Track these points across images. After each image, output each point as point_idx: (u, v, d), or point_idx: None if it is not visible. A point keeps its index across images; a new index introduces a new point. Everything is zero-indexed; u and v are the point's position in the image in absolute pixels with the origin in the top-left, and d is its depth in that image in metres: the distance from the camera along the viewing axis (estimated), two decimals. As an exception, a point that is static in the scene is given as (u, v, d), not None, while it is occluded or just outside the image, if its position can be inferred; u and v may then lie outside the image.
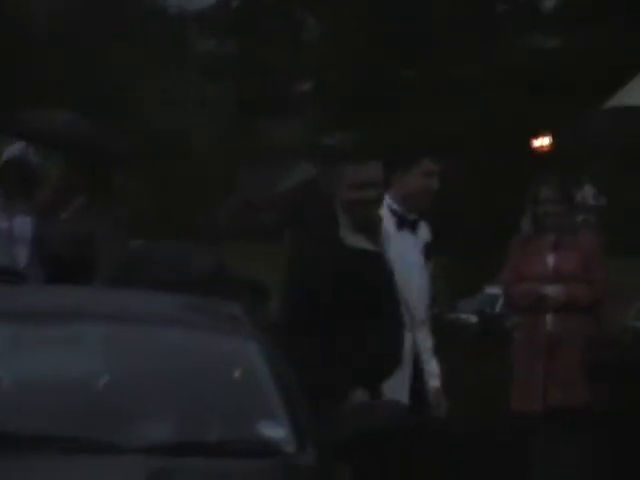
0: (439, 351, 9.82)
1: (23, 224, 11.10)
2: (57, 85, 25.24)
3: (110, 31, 37.08)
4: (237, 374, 7.25)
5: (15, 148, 11.41)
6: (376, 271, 8.29)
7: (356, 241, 8.35)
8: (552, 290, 10.77)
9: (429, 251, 9.99)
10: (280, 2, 23.63)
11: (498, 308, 14.46)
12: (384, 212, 9.35)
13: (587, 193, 13.12)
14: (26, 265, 10.76)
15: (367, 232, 8.37)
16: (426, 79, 20.75)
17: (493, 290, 15.12)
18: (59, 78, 29.10)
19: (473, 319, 29.17)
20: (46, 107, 13.30)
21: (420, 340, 9.92)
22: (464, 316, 29.11)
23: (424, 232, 10.01)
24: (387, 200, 9.39)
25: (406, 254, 8.90)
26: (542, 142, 18.40)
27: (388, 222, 9.37)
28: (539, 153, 18.27)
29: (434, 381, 9.96)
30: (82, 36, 36.36)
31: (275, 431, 6.82)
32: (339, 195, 8.48)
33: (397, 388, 8.90)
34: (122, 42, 35.77)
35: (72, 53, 34.75)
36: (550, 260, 10.89)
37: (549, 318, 10.76)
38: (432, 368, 10.00)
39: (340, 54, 22.30)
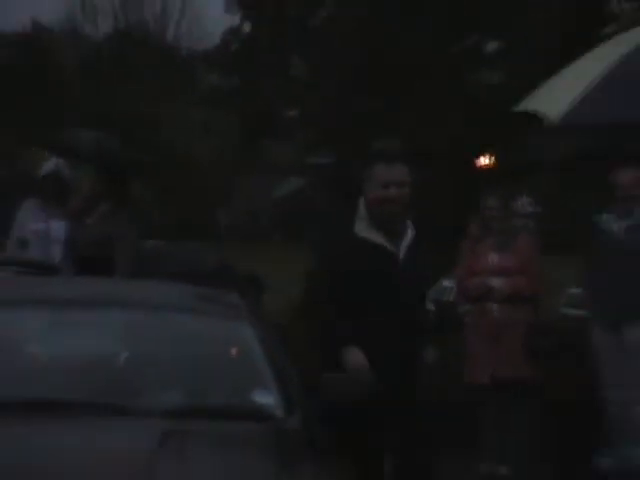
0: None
1: (58, 227, 11.10)
2: (89, 110, 25.57)
3: (134, 68, 38.37)
4: (234, 352, 7.31)
5: (51, 163, 11.68)
6: (384, 263, 7.86)
7: (370, 235, 7.95)
8: (497, 283, 11.26)
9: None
10: (272, 44, 23.68)
11: (452, 297, 14.42)
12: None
13: (524, 202, 13.23)
14: (59, 262, 10.53)
15: (385, 230, 7.93)
16: (398, 107, 21.05)
17: (448, 283, 15.17)
18: (91, 104, 29.73)
19: (431, 306, 29.39)
20: (78, 128, 13.18)
21: None
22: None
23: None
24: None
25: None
26: (487, 161, 18.68)
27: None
28: (485, 170, 18.68)
29: None
30: (111, 72, 37.59)
31: (266, 399, 6.81)
32: (366, 193, 8.06)
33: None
34: (144, 76, 37.06)
35: (102, 84, 35.79)
36: (495, 258, 11.33)
37: (495, 307, 11.21)
38: None
39: (323, 87, 22.53)
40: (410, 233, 7.91)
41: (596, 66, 8.88)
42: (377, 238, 7.87)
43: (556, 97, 8.85)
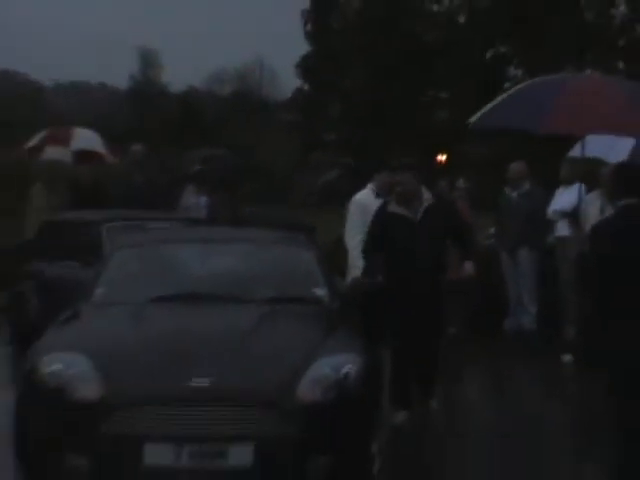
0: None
1: (203, 201, 13.09)
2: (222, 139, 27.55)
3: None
4: (302, 267, 8.15)
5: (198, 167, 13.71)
6: (402, 226, 8.79)
7: (394, 209, 8.93)
8: None
9: None
10: (320, 96, 27.87)
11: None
12: (368, 194, 10.46)
13: (460, 182, 13.72)
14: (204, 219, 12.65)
15: (405, 204, 8.92)
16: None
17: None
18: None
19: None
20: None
21: None
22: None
23: None
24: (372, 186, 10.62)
25: None
26: (441, 159, 21.16)
27: (369, 196, 10.37)
28: (439, 164, 21.19)
29: None
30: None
31: (320, 292, 7.87)
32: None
33: None
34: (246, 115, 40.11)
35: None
36: None
37: None
38: None
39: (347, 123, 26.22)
40: (425, 202, 8.90)
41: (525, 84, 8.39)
42: (401, 211, 8.92)
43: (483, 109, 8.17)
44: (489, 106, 7.74)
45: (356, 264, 9.78)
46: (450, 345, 10.30)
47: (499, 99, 7.80)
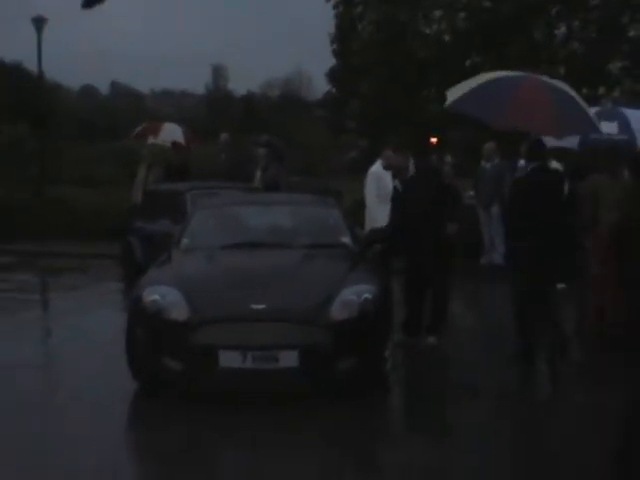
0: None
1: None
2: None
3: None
4: (332, 221, 8.10)
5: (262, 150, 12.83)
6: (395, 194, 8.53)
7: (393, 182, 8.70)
8: None
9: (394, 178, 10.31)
10: (345, 96, 28.36)
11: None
12: (379, 166, 9.94)
13: (448, 158, 13.53)
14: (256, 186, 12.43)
15: (395, 176, 8.65)
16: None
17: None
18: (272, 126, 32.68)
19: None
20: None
21: None
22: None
23: None
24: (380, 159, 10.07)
25: (389, 179, 9.32)
26: (433, 140, 20.74)
27: (379, 168, 9.91)
28: (433, 144, 20.79)
29: None
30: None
31: (345, 239, 7.82)
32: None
33: None
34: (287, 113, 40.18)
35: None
36: None
37: None
38: None
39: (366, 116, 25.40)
40: (411, 170, 8.47)
41: (492, 75, 7.74)
42: (394, 183, 8.62)
43: (459, 89, 7.58)
44: (461, 91, 7.39)
45: (372, 217, 9.68)
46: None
47: (471, 85, 7.41)
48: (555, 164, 9.80)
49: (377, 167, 10.33)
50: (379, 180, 9.98)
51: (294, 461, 5.07)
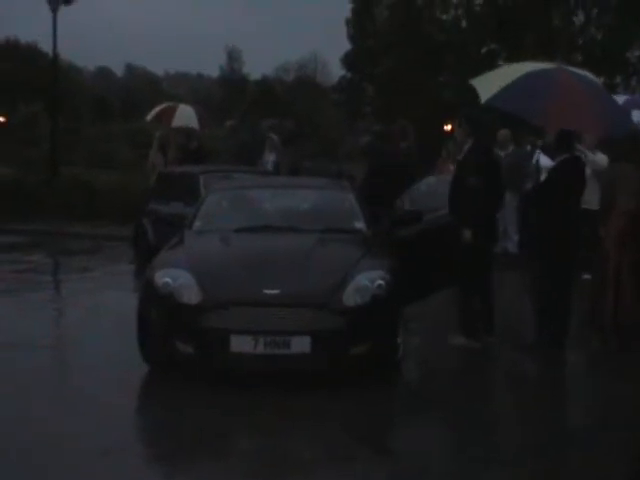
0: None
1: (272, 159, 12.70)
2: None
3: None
4: (346, 205, 7.96)
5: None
6: None
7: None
8: None
9: None
10: (359, 80, 28.40)
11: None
12: None
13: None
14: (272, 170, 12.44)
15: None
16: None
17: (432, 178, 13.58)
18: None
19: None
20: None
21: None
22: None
23: None
24: None
25: None
26: (448, 128, 20.29)
27: None
28: (447, 132, 20.41)
29: None
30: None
31: (359, 224, 7.69)
32: None
33: None
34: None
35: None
36: (451, 166, 10.91)
37: None
38: None
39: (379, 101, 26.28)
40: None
41: (522, 68, 7.50)
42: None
43: (490, 82, 7.37)
44: (493, 86, 7.13)
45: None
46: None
47: (505, 81, 7.16)
48: (600, 155, 9.80)
49: None
50: None
51: (305, 446, 5.01)
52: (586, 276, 8.38)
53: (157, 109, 16.11)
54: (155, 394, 6.17)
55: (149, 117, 16.09)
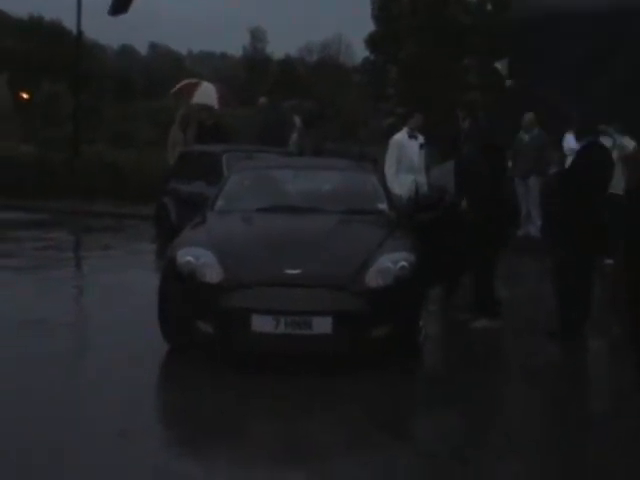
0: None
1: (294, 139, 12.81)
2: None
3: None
4: (369, 186, 7.99)
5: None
6: None
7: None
8: None
9: (421, 147, 10.33)
10: (383, 62, 28.59)
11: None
12: (404, 134, 10.25)
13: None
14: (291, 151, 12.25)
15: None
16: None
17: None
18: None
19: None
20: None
21: (419, 178, 10.22)
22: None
23: (420, 139, 10.44)
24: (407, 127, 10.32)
25: (413, 149, 9.65)
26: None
27: (404, 136, 10.18)
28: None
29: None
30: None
31: (382, 205, 7.73)
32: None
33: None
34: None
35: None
36: None
37: None
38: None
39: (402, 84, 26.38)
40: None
41: None
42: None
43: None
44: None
45: (391, 186, 9.52)
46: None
47: None
48: (628, 139, 9.83)
49: (401, 135, 10.26)
50: (401, 148, 9.96)
51: (324, 429, 4.95)
52: (608, 261, 8.30)
53: (181, 83, 16.38)
54: (175, 375, 6.14)
55: (172, 90, 16.39)
